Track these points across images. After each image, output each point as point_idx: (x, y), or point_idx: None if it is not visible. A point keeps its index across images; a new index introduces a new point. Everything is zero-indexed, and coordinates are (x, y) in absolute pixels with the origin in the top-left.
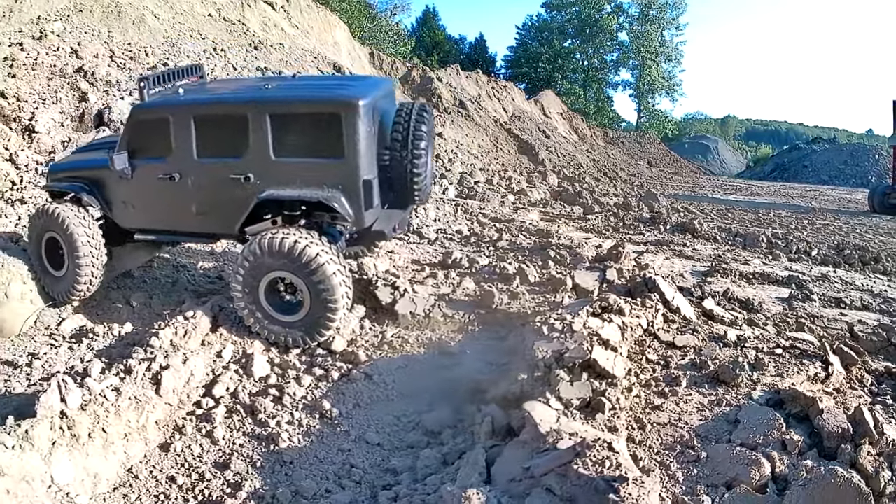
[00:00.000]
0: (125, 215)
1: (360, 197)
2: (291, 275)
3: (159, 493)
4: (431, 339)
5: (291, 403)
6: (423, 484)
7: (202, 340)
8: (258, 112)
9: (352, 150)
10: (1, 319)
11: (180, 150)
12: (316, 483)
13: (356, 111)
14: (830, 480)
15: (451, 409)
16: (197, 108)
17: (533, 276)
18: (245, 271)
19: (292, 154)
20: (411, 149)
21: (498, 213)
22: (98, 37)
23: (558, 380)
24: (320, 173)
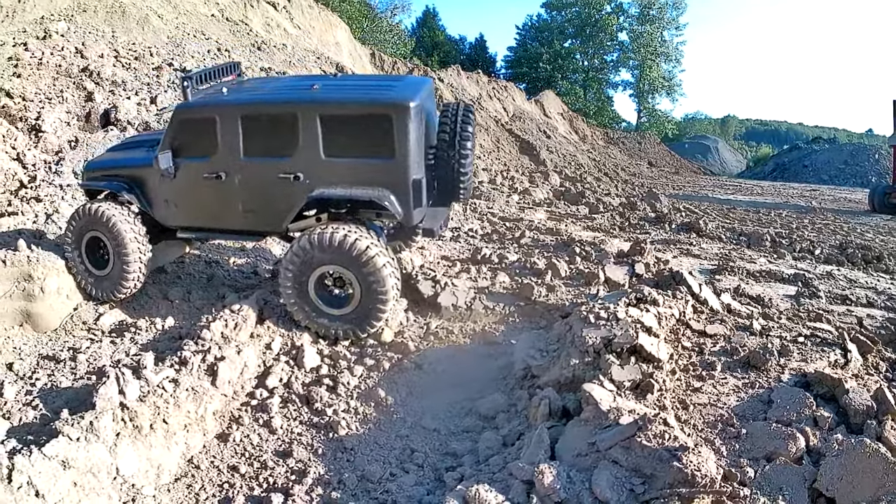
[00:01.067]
0: (167, 213)
1: (410, 196)
2: (342, 268)
3: (223, 482)
4: (474, 329)
5: (346, 392)
6: (485, 464)
7: (251, 333)
8: (309, 113)
9: (402, 151)
10: (37, 314)
11: (227, 149)
12: (381, 467)
13: (407, 112)
14: (860, 451)
15: (502, 395)
16: (245, 107)
17: (563, 271)
18: (295, 266)
19: (342, 154)
20: (458, 149)
21: (506, 212)
22: (102, 37)
23: (609, 364)
24: (371, 173)
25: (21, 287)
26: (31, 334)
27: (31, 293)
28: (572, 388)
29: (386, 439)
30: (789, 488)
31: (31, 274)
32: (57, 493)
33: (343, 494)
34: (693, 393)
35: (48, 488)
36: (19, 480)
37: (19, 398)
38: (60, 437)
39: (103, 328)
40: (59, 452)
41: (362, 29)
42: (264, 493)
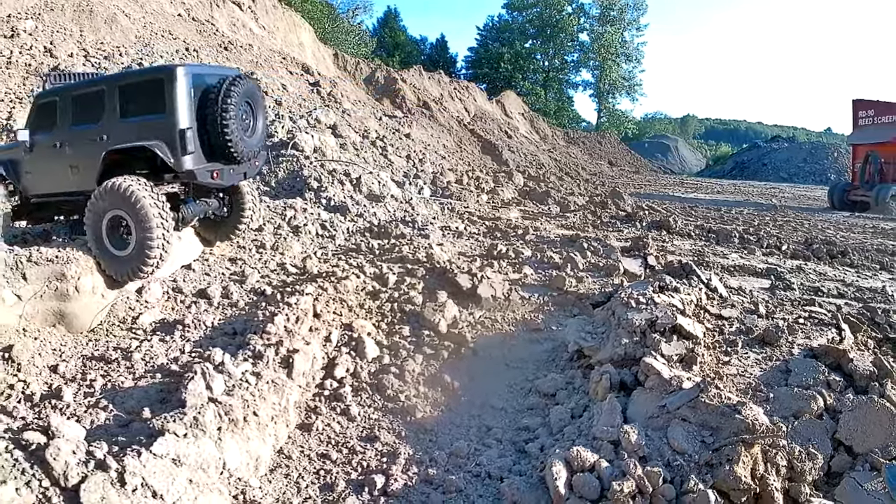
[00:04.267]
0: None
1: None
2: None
3: (318, 469)
4: (515, 318)
5: (412, 379)
6: (560, 434)
7: (310, 326)
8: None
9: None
10: (72, 314)
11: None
12: (466, 444)
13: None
14: (870, 407)
15: (558, 375)
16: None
17: (581, 264)
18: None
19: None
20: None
21: (482, 212)
22: (70, 36)
23: (657, 341)
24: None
25: (53, 287)
26: (68, 335)
27: (65, 293)
28: (624, 364)
29: (461, 419)
30: (816, 439)
31: (65, 273)
32: (175, 493)
33: (438, 471)
34: (724, 365)
35: (166, 488)
36: (133, 482)
37: (79, 400)
38: (167, 435)
39: (144, 327)
40: (168, 450)
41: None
42: (361, 476)
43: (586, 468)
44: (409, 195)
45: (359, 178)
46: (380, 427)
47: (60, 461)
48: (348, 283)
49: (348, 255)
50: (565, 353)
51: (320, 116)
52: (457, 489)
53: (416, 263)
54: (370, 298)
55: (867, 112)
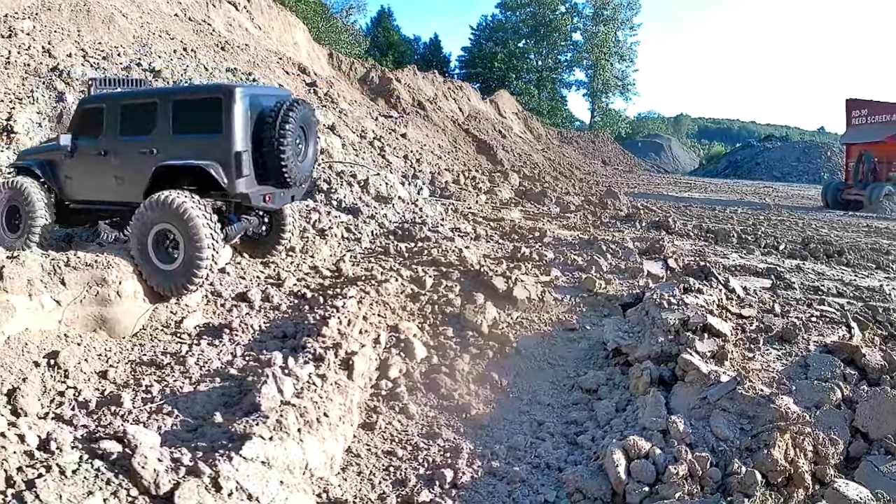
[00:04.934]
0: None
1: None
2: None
3: (387, 466)
4: (550, 318)
5: (462, 378)
6: (608, 427)
7: (360, 329)
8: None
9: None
10: (113, 320)
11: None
12: (523, 438)
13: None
14: (884, 397)
15: (598, 371)
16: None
17: (605, 266)
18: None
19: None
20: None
21: (484, 212)
22: (68, 36)
23: (691, 340)
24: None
25: (94, 291)
26: (110, 340)
27: (106, 297)
28: (660, 360)
29: (513, 415)
30: (836, 426)
31: (106, 278)
32: (269, 495)
33: (502, 463)
34: (749, 361)
35: (260, 490)
36: (228, 487)
37: (138, 405)
38: (255, 438)
39: (189, 331)
40: (258, 453)
41: (318, 29)
42: (429, 470)
43: (642, 455)
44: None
45: (366, 179)
46: (438, 424)
47: (149, 469)
48: (389, 286)
49: (378, 258)
50: (601, 351)
51: (319, 117)
52: (520, 479)
53: (449, 266)
54: (410, 301)
55: (860, 111)
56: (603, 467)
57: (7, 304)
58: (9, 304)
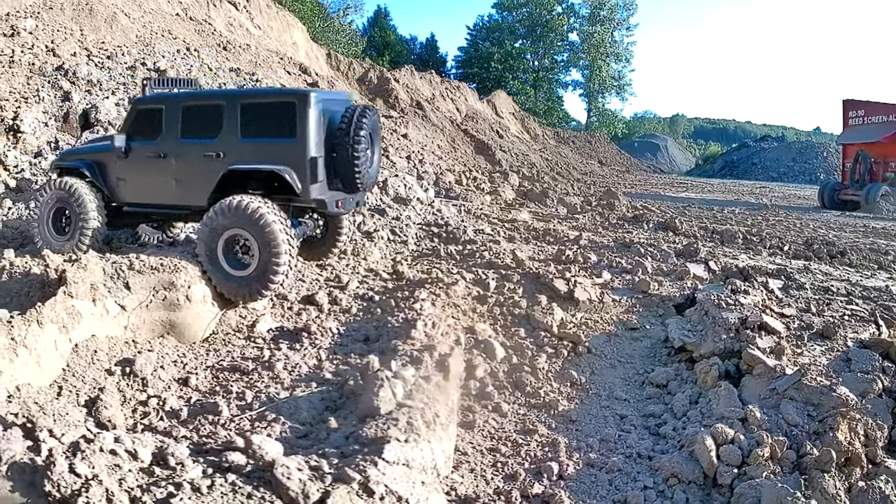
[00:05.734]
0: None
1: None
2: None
3: (494, 462)
4: (612, 318)
5: (544, 377)
6: (685, 417)
7: (442, 331)
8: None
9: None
10: (183, 325)
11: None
12: (611, 431)
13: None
14: None
15: (666, 368)
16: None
17: (650, 268)
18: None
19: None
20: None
21: (494, 213)
22: (71, 35)
23: (751, 337)
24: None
25: (161, 296)
26: (180, 346)
27: (175, 302)
28: (725, 356)
29: (596, 410)
30: (879, 413)
31: (174, 282)
32: (416, 496)
33: (599, 455)
34: (797, 356)
35: (409, 492)
36: (379, 491)
37: (234, 413)
38: (392, 442)
39: (262, 335)
40: (398, 456)
41: (314, 29)
42: (533, 465)
43: (728, 441)
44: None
45: (385, 180)
46: (530, 420)
47: (294, 480)
48: (457, 289)
49: (430, 260)
50: (664, 349)
51: None
52: (617, 469)
53: (507, 269)
54: (478, 303)
55: (857, 112)
56: (694, 453)
57: (73, 310)
58: (74, 310)
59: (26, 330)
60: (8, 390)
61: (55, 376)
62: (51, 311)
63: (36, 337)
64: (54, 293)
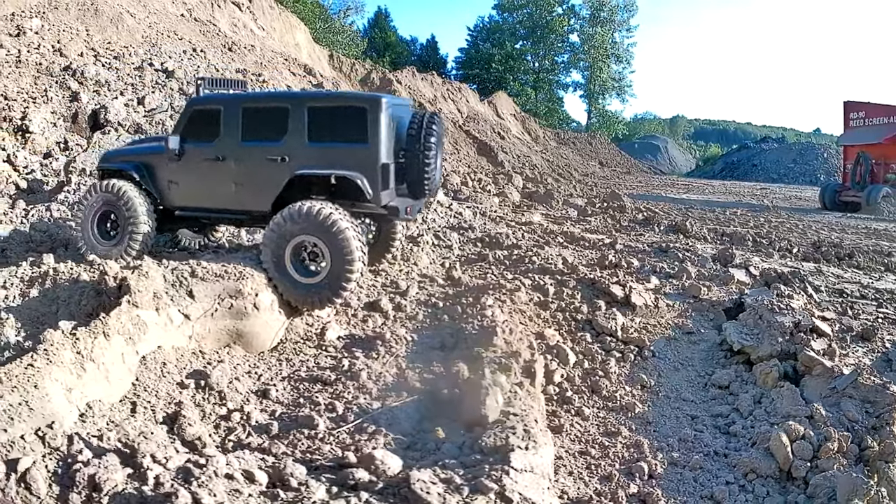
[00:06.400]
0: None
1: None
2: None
3: (587, 465)
4: (668, 322)
5: (616, 381)
6: (752, 417)
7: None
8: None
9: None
10: (251, 333)
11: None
12: (688, 431)
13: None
14: None
15: (726, 369)
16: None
17: (693, 273)
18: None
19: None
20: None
21: (508, 215)
22: (77, 35)
23: (805, 339)
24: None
25: (227, 304)
26: (249, 356)
27: (243, 310)
28: (782, 358)
29: (668, 411)
30: None
31: (241, 289)
32: (546, 500)
33: (681, 454)
34: (844, 357)
35: (540, 498)
36: (515, 499)
37: (329, 426)
38: (516, 450)
39: (334, 343)
40: (525, 463)
41: (315, 30)
42: (622, 465)
43: (799, 437)
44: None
45: None
46: (611, 423)
47: (434, 494)
48: (520, 295)
49: (481, 266)
50: (720, 352)
51: None
52: (699, 466)
53: (561, 274)
54: (540, 308)
55: (858, 114)
56: (769, 449)
57: (138, 321)
58: (139, 321)
59: (92, 343)
60: (79, 408)
61: (125, 391)
62: (116, 322)
63: (103, 350)
64: (114, 302)
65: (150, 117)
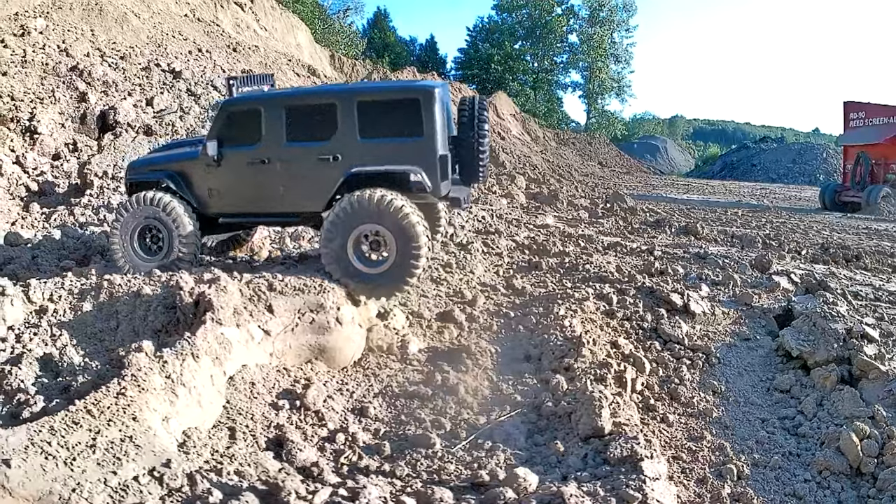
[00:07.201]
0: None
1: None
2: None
3: (682, 469)
4: (725, 329)
5: (690, 386)
6: (817, 419)
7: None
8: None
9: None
10: (334, 349)
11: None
12: (764, 434)
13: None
14: None
15: (785, 374)
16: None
17: (739, 280)
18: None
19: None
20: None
21: (523, 218)
22: (82, 35)
23: (858, 345)
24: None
25: (308, 318)
26: (333, 372)
27: (325, 325)
28: (837, 363)
29: (741, 415)
30: None
31: (323, 304)
32: None
33: (760, 455)
34: (891, 361)
35: (672, 503)
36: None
37: (444, 444)
38: (645, 461)
39: (418, 357)
40: (654, 471)
41: (315, 30)
42: (713, 467)
43: (866, 436)
44: None
45: None
46: (693, 428)
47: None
48: (589, 304)
49: (537, 274)
50: (776, 357)
51: None
52: (778, 466)
53: (619, 282)
54: (608, 317)
55: (858, 114)
56: (840, 448)
57: (223, 339)
58: (224, 339)
59: (181, 365)
60: (176, 438)
61: (217, 416)
62: (204, 342)
63: (193, 372)
64: (192, 319)
65: (159, 118)
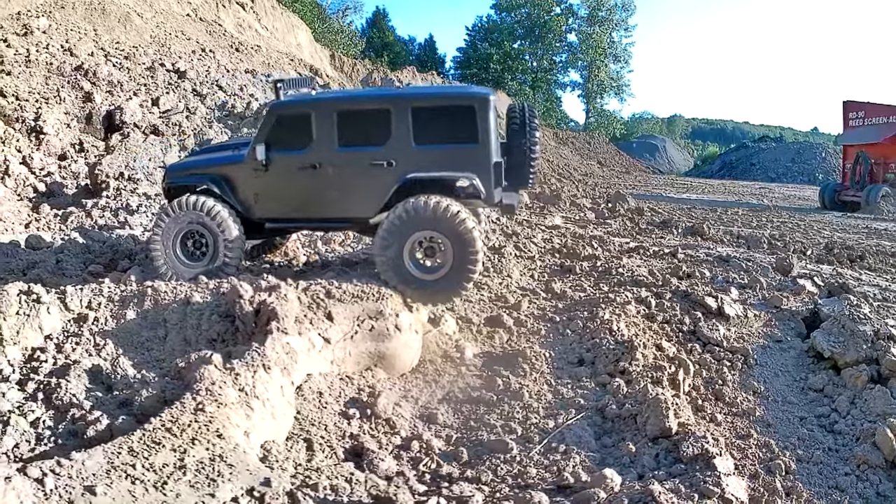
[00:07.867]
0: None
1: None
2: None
3: (735, 466)
4: (756, 331)
5: (733, 387)
6: (850, 416)
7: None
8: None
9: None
10: (393, 356)
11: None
12: (805, 433)
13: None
14: None
15: (817, 374)
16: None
17: (764, 282)
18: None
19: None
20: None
21: (532, 218)
22: (86, 34)
23: (885, 346)
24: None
25: (367, 325)
26: (394, 379)
27: (385, 332)
28: (867, 363)
29: (781, 414)
30: None
31: (382, 310)
32: (747, 500)
33: (803, 451)
34: None
35: (745, 497)
36: (733, 499)
37: (520, 449)
38: (717, 457)
39: (475, 362)
40: (725, 467)
41: (314, 30)
42: (761, 464)
43: None
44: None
45: None
46: (739, 427)
47: (676, 502)
48: (631, 308)
49: (572, 278)
50: (807, 358)
51: None
52: (819, 461)
53: (654, 286)
54: (648, 321)
55: (857, 113)
56: (876, 443)
57: (289, 348)
58: (290, 348)
59: (253, 377)
60: (256, 453)
61: (289, 427)
62: (273, 352)
63: (265, 384)
64: (253, 328)
65: (165, 118)
